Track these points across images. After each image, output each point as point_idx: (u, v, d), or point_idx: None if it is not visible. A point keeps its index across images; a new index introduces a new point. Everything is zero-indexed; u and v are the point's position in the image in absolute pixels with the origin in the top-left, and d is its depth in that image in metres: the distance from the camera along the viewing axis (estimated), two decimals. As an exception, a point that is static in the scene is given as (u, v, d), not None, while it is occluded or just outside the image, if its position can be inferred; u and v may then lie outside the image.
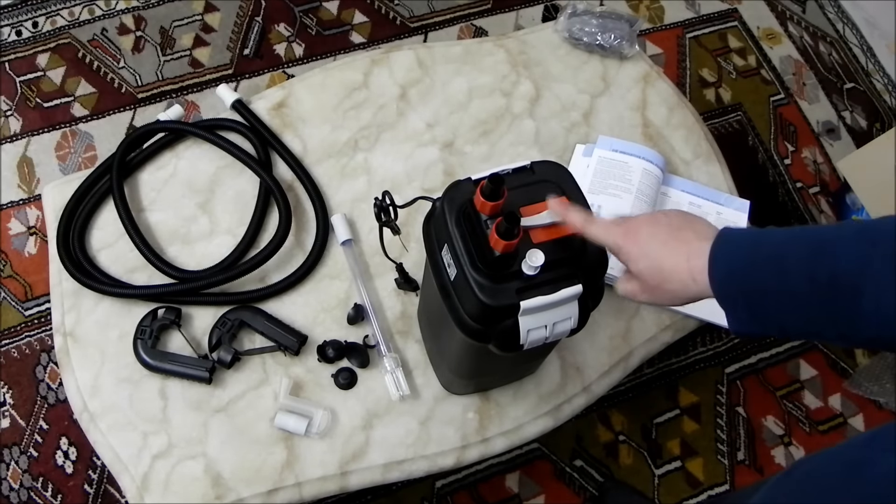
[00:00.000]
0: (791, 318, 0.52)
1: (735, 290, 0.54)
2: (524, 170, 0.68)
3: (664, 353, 1.32)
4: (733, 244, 0.55)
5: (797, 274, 0.50)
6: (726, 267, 0.54)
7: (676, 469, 1.36)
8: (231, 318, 0.92)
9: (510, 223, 0.58)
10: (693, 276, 0.56)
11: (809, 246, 0.51)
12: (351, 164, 1.05)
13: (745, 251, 0.54)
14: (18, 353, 1.38)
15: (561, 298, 0.61)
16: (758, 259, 0.53)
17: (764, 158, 1.70)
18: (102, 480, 1.30)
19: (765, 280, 0.52)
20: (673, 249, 0.57)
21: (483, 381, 0.90)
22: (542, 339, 0.63)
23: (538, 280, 0.61)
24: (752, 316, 0.53)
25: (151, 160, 1.04)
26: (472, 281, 0.61)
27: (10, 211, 1.50)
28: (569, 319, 0.63)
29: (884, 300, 0.46)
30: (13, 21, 1.70)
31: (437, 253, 0.67)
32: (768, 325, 0.53)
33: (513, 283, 0.61)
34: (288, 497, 0.85)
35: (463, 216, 0.64)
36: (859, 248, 0.48)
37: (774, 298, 0.52)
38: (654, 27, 1.82)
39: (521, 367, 0.89)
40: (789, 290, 0.51)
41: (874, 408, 1.45)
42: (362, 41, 1.73)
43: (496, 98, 1.10)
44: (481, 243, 0.62)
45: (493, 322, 0.63)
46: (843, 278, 0.48)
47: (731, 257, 0.54)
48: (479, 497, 1.31)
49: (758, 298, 0.53)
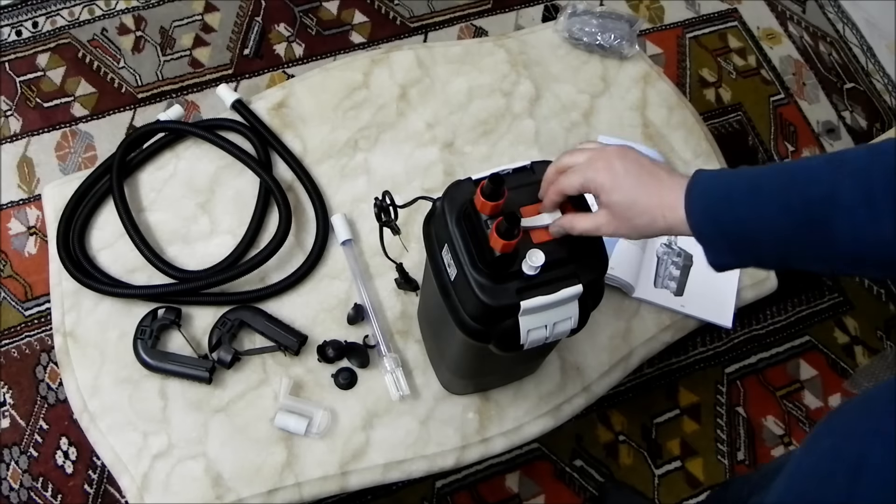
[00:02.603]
0: (767, 246, 0.54)
1: (712, 223, 0.56)
2: (524, 170, 0.68)
3: (664, 353, 1.32)
4: (709, 180, 0.57)
5: (771, 203, 0.52)
6: (703, 202, 0.56)
7: (676, 469, 1.36)
8: (231, 318, 0.92)
9: (510, 223, 0.58)
10: (663, 212, 0.58)
11: (781, 176, 0.53)
12: (351, 164, 1.05)
13: (720, 186, 0.56)
14: (18, 353, 1.38)
15: (561, 298, 0.61)
16: (733, 192, 0.55)
17: (764, 158, 1.70)
18: (102, 480, 1.30)
19: (741, 211, 0.54)
20: (647, 185, 0.59)
21: (483, 382, 0.90)
22: (543, 339, 0.63)
23: (538, 280, 0.61)
24: (729, 247, 0.55)
25: (151, 160, 1.04)
26: (473, 281, 0.61)
27: (10, 211, 1.50)
28: (569, 319, 0.63)
29: (855, 219, 0.48)
30: (13, 21, 1.70)
31: (437, 253, 0.67)
32: (745, 255, 0.55)
33: (513, 283, 0.61)
34: (288, 497, 0.85)
35: (463, 216, 0.64)
36: (828, 173, 0.50)
37: (750, 228, 0.53)
38: (654, 27, 1.82)
39: (520, 367, 0.89)
40: (765, 219, 0.52)
41: (874, 408, 1.45)
42: (362, 41, 1.73)
43: (496, 98, 1.10)
44: (481, 243, 0.62)
45: (494, 322, 0.63)
46: (815, 203, 0.50)
47: (708, 192, 0.56)
48: (479, 497, 1.31)
49: (734, 229, 0.54)
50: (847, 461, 0.48)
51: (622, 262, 0.96)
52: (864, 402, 0.52)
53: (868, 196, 0.47)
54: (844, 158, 0.51)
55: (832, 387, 1.46)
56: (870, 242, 0.48)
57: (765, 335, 1.50)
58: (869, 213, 0.47)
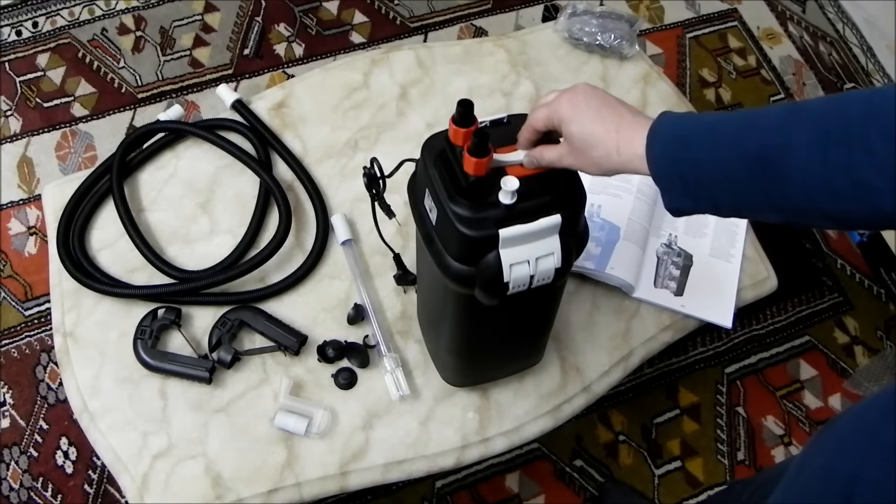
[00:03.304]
0: (723, 191, 0.54)
1: (670, 164, 0.56)
2: (501, 123, 0.70)
3: (664, 353, 1.32)
4: (672, 121, 0.57)
5: (729, 148, 0.52)
6: (663, 141, 0.56)
7: (676, 469, 1.36)
8: (231, 318, 0.92)
9: (480, 139, 0.60)
10: (618, 146, 0.58)
11: (740, 122, 0.53)
12: (351, 164, 1.05)
13: (682, 126, 0.56)
14: (18, 353, 1.38)
15: (540, 228, 0.62)
16: (693, 134, 0.55)
17: (764, 158, 1.70)
18: (102, 480, 1.30)
19: (699, 153, 0.54)
20: (605, 119, 0.59)
21: (482, 368, 0.89)
22: (527, 278, 0.64)
23: (517, 210, 0.62)
24: (685, 190, 0.55)
25: (151, 160, 1.04)
26: (452, 214, 0.62)
27: (10, 211, 1.50)
28: (551, 255, 0.64)
29: (807, 167, 0.48)
30: (13, 21, 1.70)
31: (420, 203, 0.68)
32: (701, 199, 0.55)
33: (491, 212, 0.62)
34: (288, 497, 0.85)
35: (440, 158, 0.66)
36: (786, 121, 0.50)
37: (707, 171, 0.54)
38: (654, 27, 1.82)
39: (519, 351, 0.88)
40: (721, 163, 0.53)
41: (874, 408, 1.45)
42: (362, 41, 1.73)
43: (496, 98, 1.10)
44: (457, 174, 0.64)
45: (476, 257, 0.63)
46: (770, 149, 0.50)
47: (669, 132, 0.56)
48: (479, 497, 1.31)
49: (691, 171, 0.54)
50: (840, 479, 0.48)
51: (622, 262, 0.96)
52: (855, 417, 0.51)
53: (822, 145, 0.47)
54: (803, 107, 0.50)
55: (832, 387, 1.46)
56: (821, 191, 0.48)
57: (765, 335, 1.50)
58: (822, 161, 0.47)
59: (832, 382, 1.47)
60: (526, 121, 0.65)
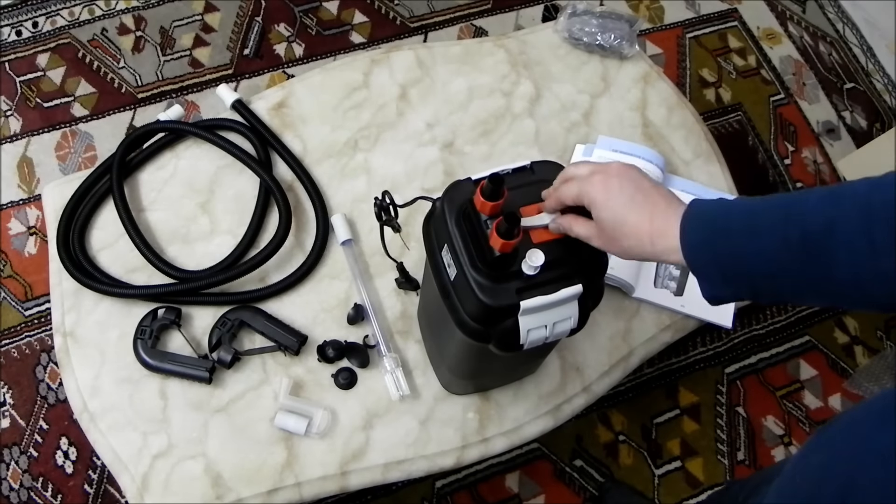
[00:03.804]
0: (765, 280, 0.53)
1: (708, 256, 0.55)
2: (524, 170, 0.68)
3: (664, 353, 1.32)
4: (705, 211, 0.56)
5: (770, 237, 0.51)
6: (699, 234, 0.55)
7: (676, 469, 1.36)
8: (231, 318, 0.92)
9: (510, 223, 0.58)
10: (652, 238, 0.57)
11: (779, 209, 0.52)
12: (351, 164, 1.05)
13: (717, 217, 0.55)
14: (18, 353, 1.38)
15: (561, 298, 0.61)
16: (730, 224, 0.54)
17: (764, 158, 1.70)
18: (102, 480, 1.30)
19: (738, 244, 0.53)
20: (639, 207, 0.58)
21: (483, 381, 0.90)
22: (543, 339, 0.63)
23: (538, 280, 0.61)
24: (724, 280, 0.54)
25: (151, 160, 1.04)
26: (472, 281, 0.61)
27: (10, 211, 1.50)
28: (569, 319, 0.63)
29: (854, 253, 0.47)
30: (13, 21, 1.70)
31: (437, 253, 0.67)
32: (741, 288, 0.54)
33: (513, 282, 0.61)
34: (288, 497, 0.85)
35: (463, 216, 0.64)
36: (828, 206, 0.49)
37: (748, 262, 0.52)
38: (654, 27, 1.82)
39: (520, 367, 0.89)
40: (763, 253, 0.52)
41: (874, 408, 1.45)
42: (362, 41, 1.73)
43: (496, 98, 1.10)
44: (481, 243, 0.62)
45: (493, 322, 0.63)
46: (813, 236, 0.49)
47: (705, 223, 0.55)
48: (479, 497, 1.31)
49: (731, 262, 0.53)
50: (837, 482, 0.47)
51: (622, 263, 0.96)
52: (853, 419, 0.51)
53: (867, 229, 0.47)
54: (843, 192, 0.50)
55: (832, 387, 1.46)
56: (869, 277, 0.47)
57: (765, 335, 1.50)
58: (868, 246, 0.46)
59: (832, 382, 1.47)
60: (555, 190, 0.63)
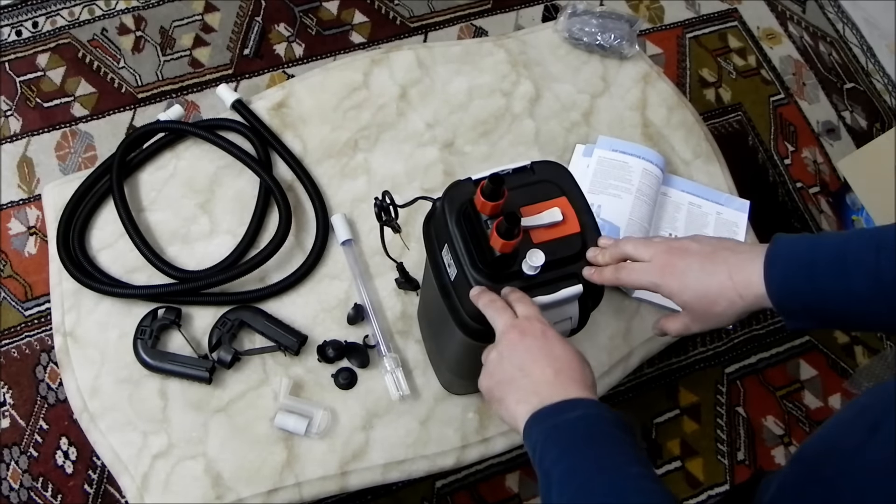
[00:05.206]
0: (854, 316, 0.52)
1: (794, 296, 0.54)
2: (524, 170, 0.68)
3: (664, 353, 1.32)
4: (790, 249, 0.55)
5: (860, 274, 0.51)
6: (784, 273, 0.54)
7: (676, 469, 1.36)
8: (231, 318, 0.92)
9: (510, 223, 0.58)
10: (739, 292, 0.56)
11: (869, 246, 0.51)
12: (351, 164, 1.05)
13: (802, 254, 0.54)
14: (18, 353, 1.38)
15: (561, 298, 0.61)
16: (817, 262, 0.53)
17: (764, 158, 1.70)
18: (102, 480, 1.30)
19: (826, 282, 0.52)
20: (713, 272, 0.58)
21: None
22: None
23: (538, 280, 0.61)
24: (810, 317, 0.54)
25: (151, 160, 1.04)
26: (473, 281, 0.61)
27: (10, 211, 1.50)
28: (569, 320, 0.63)
29: None
30: (13, 21, 1.70)
31: (437, 253, 0.67)
32: (828, 321, 0.54)
33: (513, 283, 0.61)
34: (288, 497, 0.85)
35: (463, 216, 0.64)
36: None
37: (837, 300, 0.52)
38: (654, 27, 1.82)
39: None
40: (853, 291, 0.51)
41: (874, 408, 1.45)
42: (362, 41, 1.73)
43: (496, 98, 1.10)
44: (481, 243, 0.62)
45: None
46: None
47: (789, 262, 0.54)
48: (479, 497, 1.31)
49: (819, 300, 0.53)
50: (868, 418, 0.48)
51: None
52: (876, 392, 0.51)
53: None
54: None
55: (832, 387, 1.46)
56: None
57: (765, 335, 1.50)
58: None
59: (832, 382, 1.47)
60: (616, 270, 0.62)
